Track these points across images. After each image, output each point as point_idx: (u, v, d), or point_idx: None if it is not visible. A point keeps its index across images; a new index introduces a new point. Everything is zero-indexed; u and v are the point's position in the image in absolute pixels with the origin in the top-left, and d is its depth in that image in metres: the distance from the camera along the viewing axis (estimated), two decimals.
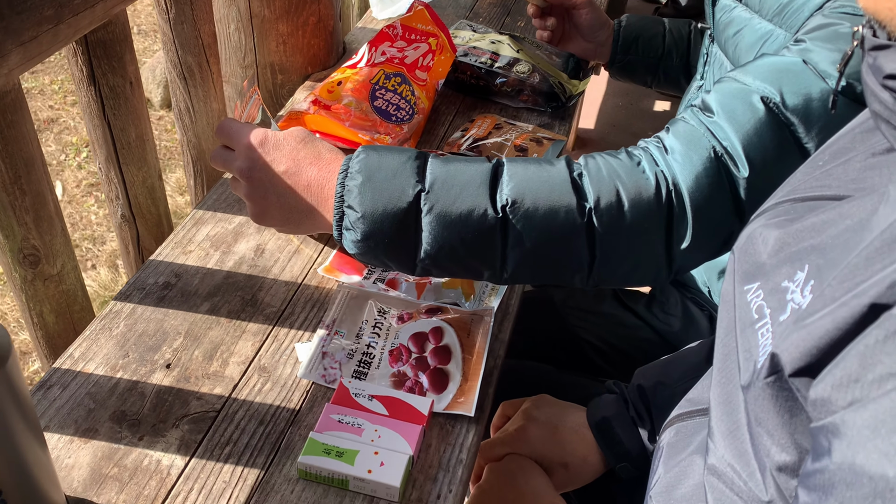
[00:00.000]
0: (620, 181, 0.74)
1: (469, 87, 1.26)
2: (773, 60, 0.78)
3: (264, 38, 1.20)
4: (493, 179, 0.72)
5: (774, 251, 0.53)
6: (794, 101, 0.74)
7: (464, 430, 0.76)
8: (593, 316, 1.20)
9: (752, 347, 0.50)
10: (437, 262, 0.73)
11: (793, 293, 0.48)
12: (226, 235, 0.95)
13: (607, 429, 0.87)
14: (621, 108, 3.09)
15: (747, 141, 0.74)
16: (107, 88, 0.89)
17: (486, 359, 0.82)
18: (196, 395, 0.77)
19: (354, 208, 0.70)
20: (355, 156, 0.72)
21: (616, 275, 0.77)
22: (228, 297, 0.87)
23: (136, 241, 1.02)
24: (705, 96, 0.80)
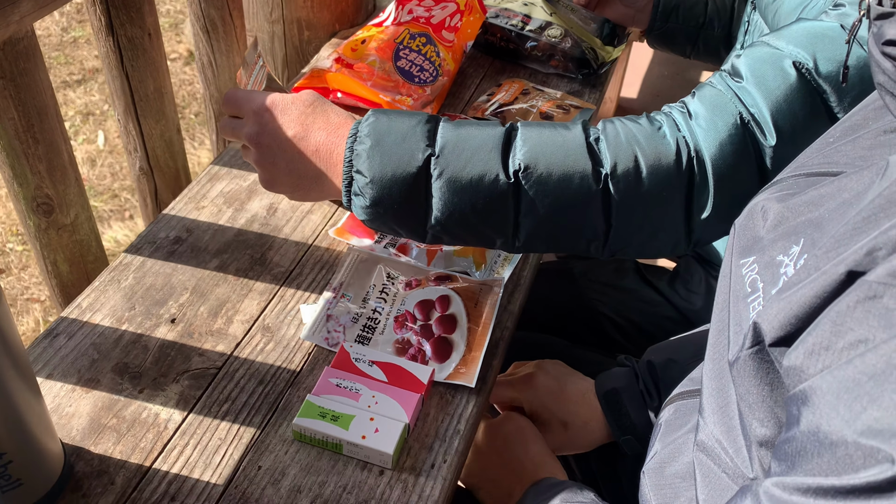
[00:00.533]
0: (639, 146, 0.71)
1: (498, 50, 1.23)
2: (809, 25, 0.73)
3: None
4: (506, 144, 0.69)
5: (773, 226, 0.52)
6: (828, 67, 0.70)
7: (464, 401, 0.75)
8: (613, 290, 1.18)
9: (743, 321, 0.49)
10: (447, 229, 0.71)
11: (786, 267, 0.47)
12: (240, 192, 0.95)
13: (616, 400, 0.86)
14: (666, 77, 2.99)
15: (776, 108, 0.71)
16: (125, 39, 0.88)
17: (492, 330, 0.81)
18: (198, 352, 0.77)
19: (363, 173, 0.68)
20: (364, 119, 0.70)
21: (632, 244, 0.74)
22: (238, 255, 0.87)
23: (153, 195, 1.03)
24: (735, 60, 0.76)
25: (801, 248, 0.46)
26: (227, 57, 1.09)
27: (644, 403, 0.85)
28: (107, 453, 0.67)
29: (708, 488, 0.54)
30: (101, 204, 2.38)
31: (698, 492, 0.55)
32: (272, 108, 0.72)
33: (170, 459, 0.68)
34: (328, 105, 0.74)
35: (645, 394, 0.86)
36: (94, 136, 2.71)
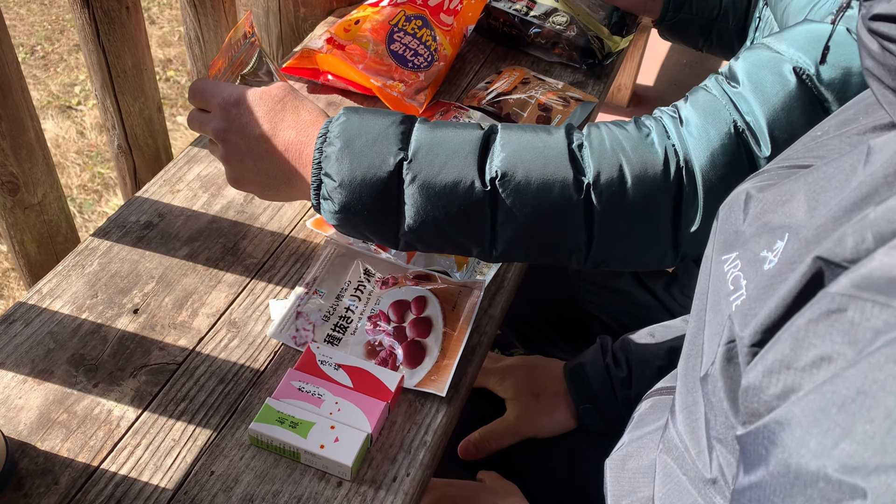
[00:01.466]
0: (624, 154, 0.66)
1: (501, 36, 1.17)
2: (813, 27, 0.68)
3: None
4: (484, 148, 0.65)
5: (753, 218, 0.48)
6: (831, 73, 0.65)
7: (433, 411, 0.72)
8: (607, 292, 1.13)
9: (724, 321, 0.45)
10: (420, 237, 0.67)
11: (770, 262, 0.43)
12: (217, 177, 0.91)
13: (579, 372, 0.88)
14: (685, 66, 2.92)
15: (773, 117, 0.66)
16: (101, 12, 0.84)
17: (468, 335, 0.77)
18: (159, 345, 0.74)
19: (332, 176, 0.64)
20: (336, 119, 0.66)
21: (616, 256, 0.71)
22: (209, 244, 0.83)
23: (132, 173, 0.99)
24: (733, 63, 0.71)
25: (785, 243, 0.43)
26: (216, 32, 1.04)
27: (608, 376, 0.85)
28: (53, 450, 0.65)
29: (665, 488, 0.52)
30: (107, 171, 2.35)
31: (656, 491, 0.53)
32: (239, 103, 0.68)
33: (119, 460, 0.65)
34: (300, 100, 0.70)
35: (612, 365, 0.86)
36: None
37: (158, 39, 2.92)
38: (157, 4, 3.15)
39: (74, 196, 2.24)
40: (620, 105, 2.63)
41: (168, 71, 2.76)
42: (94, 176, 2.36)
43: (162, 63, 2.78)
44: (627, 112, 2.61)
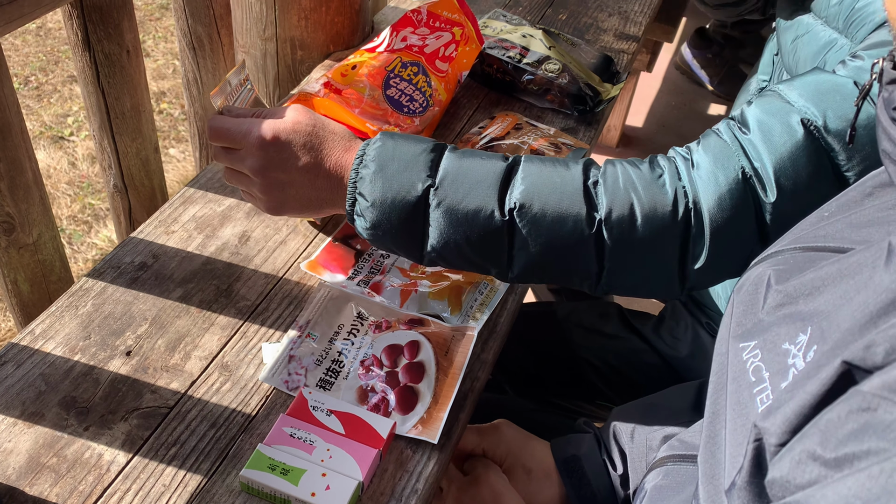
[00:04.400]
0: (636, 193, 0.69)
1: (494, 82, 1.20)
2: (822, 78, 0.71)
3: (286, 11, 1.15)
4: (506, 179, 0.69)
5: (773, 307, 0.49)
6: (838, 125, 0.68)
7: (425, 458, 0.72)
8: (597, 335, 1.14)
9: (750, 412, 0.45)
10: (443, 256, 0.72)
11: (794, 357, 0.44)
12: (212, 218, 0.91)
13: (577, 468, 0.83)
14: (674, 108, 2.96)
15: (780, 165, 0.68)
16: (102, 55, 0.85)
17: (460, 381, 0.77)
18: (151, 388, 0.73)
19: (365, 196, 0.69)
20: (372, 142, 0.71)
21: (625, 287, 0.74)
22: (203, 285, 0.84)
23: (127, 213, 1.00)
24: (745, 109, 0.73)
25: (808, 338, 0.43)
26: (213, 74, 1.06)
27: (605, 471, 0.82)
28: (42, 495, 0.64)
29: None
30: (98, 202, 2.35)
31: None
32: (276, 140, 0.71)
33: None
34: (328, 125, 0.73)
35: (608, 462, 0.83)
36: None
37: (153, 72, 2.94)
38: (153, 38, 3.17)
39: (64, 227, 2.23)
40: (609, 146, 2.66)
41: (161, 103, 2.78)
42: (85, 207, 2.36)
43: (156, 96, 2.79)
44: (616, 153, 2.65)
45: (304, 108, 0.75)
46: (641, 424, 0.82)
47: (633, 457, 0.82)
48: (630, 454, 0.82)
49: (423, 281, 0.87)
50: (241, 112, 0.76)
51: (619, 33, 1.41)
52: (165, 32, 3.21)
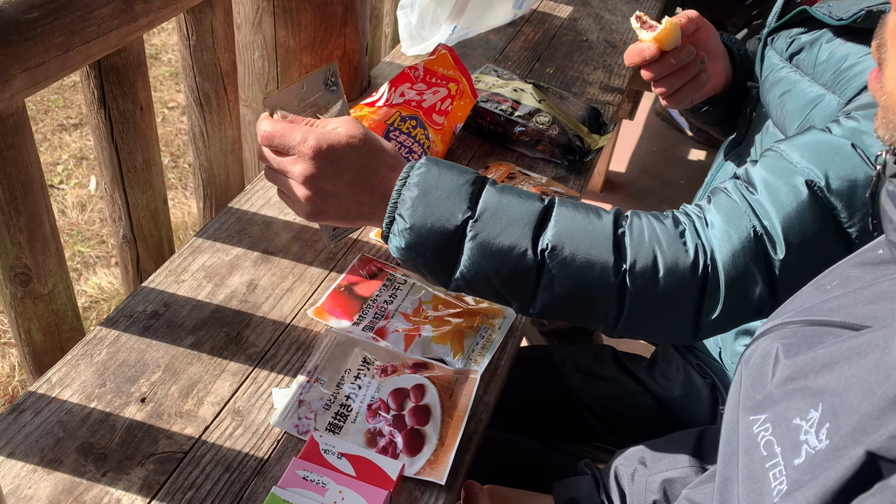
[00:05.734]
0: (660, 247, 0.73)
1: (487, 133, 1.25)
2: (821, 139, 0.76)
3: (288, 68, 1.20)
4: (541, 221, 0.72)
5: (781, 381, 0.51)
6: (839, 185, 0.73)
7: (433, 499, 0.74)
8: (592, 378, 1.17)
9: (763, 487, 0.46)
10: (470, 284, 0.74)
11: (807, 434, 0.45)
12: (221, 267, 0.94)
13: None
14: (655, 153, 3.05)
15: (787, 223, 0.73)
16: (117, 113, 0.89)
17: (465, 423, 0.80)
18: (166, 434, 0.76)
19: (405, 218, 0.70)
20: (417, 166, 0.72)
21: (640, 332, 0.78)
22: (213, 333, 0.86)
23: (135, 263, 1.02)
24: (751, 169, 0.78)
25: (820, 415, 0.45)
26: (220, 129, 1.10)
27: None
28: None
29: None
30: (87, 249, 2.37)
31: None
32: (330, 152, 0.71)
33: None
34: (376, 141, 0.75)
35: (606, 502, 0.86)
36: (87, 181, 2.71)
37: None
38: None
39: None
40: (594, 191, 2.73)
41: None
42: (74, 254, 2.37)
43: None
44: (601, 197, 2.71)
45: (357, 121, 0.77)
46: (642, 466, 0.85)
47: (633, 498, 0.84)
48: (629, 495, 0.85)
49: (426, 326, 0.90)
50: (294, 117, 0.77)
51: (604, 86, 1.47)
52: (154, 82, 3.26)
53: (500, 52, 1.53)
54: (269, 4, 1.14)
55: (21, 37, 0.70)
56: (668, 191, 2.91)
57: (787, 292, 0.69)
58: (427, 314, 0.92)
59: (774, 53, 1.03)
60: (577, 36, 1.63)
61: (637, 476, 0.85)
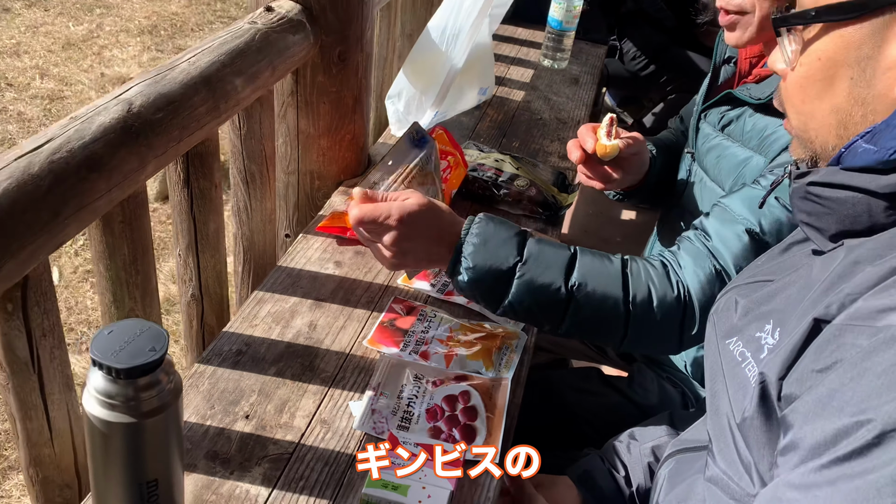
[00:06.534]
0: (653, 284, 1.00)
1: (477, 197, 1.49)
2: (752, 194, 1.05)
3: (307, 151, 1.42)
4: (570, 264, 0.98)
5: (742, 314, 0.76)
6: (770, 228, 1.02)
7: (488, 479, 0.94)
8: (584, 394, 1.39)
9: (743, 382, 0.69)
10: (514, 311, 0.98)
11: (765, 340, 0.69)
12: (283, 313, 1.14)
13: (588, 477, 1.08)
14: (592, 215, 3.37)
15: (736, 260, 1.01)
16: (197, 190, 1.09)
17: (505, 418, 1.01)
18: (272, 441, 0.93)
19: (468, 260, 0.95)
20: (476, 220, 0.98)
21: (639, 347, 1.06)
22: (291, 363, 1.05)
23: (200, 318, 1.20)
24: (704, 221, 1.06)
25: (772, 326, 0.69)
26: (261, 202, 1.30)
27: (612, 476, 1.06)
28: None
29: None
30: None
31: None
32: (409, 220, 0.95)
33: None
34: (437, 205, 0.99)
35: (612, 469, 1.07)
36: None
37: None
38: None
39: None
40: None
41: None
42: None
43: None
44: None
45: (419, 193, 1.00)
46: (634, 441, 1.08)
47: (632, 464, 1.06)
48: (629, 462, 1.07)
49: (460, 348, 1.11)
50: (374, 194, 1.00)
51: (562, 155, 1.75)
52: None
53: (472, 131, 1.80)
54: (294, 99, 1.37)
55: (153, 132, 0.90)
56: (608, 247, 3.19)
57: None
58: (458, 339, 1.13)
59: (708, 126, 1.31)
60: (533, 115, 1.92)
61: (632, 448, 1.08)
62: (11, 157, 0.76)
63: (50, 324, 0.83)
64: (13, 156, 0.76)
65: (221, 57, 1.04)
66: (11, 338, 0.79)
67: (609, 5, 3.01)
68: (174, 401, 0.69)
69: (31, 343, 0.80)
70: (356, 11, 1.32)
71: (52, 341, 0.84)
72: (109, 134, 0.84)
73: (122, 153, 0.85)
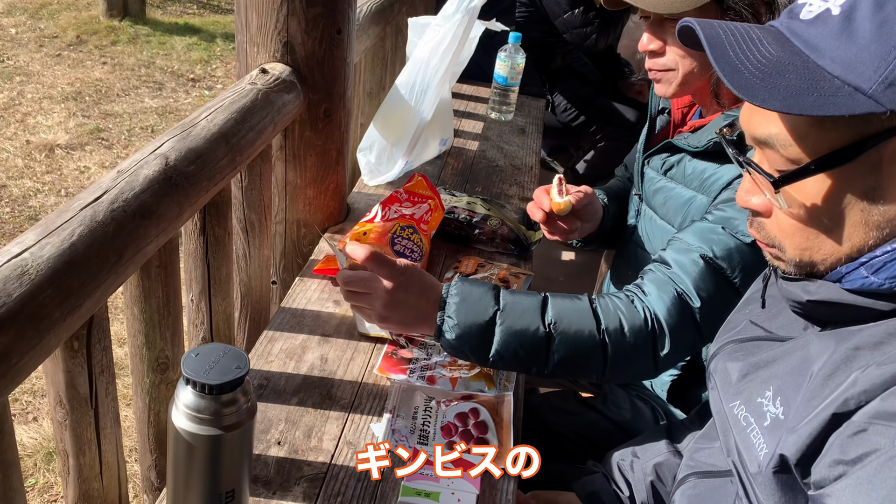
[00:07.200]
0: (622, 313, 1.11)
1: (454, 237, 1.61)
2: (703, 226, 1.18)
3: (294, 201, 1.52)
4: (543, 306, 1.08)
5: (739, 378, 0.83)
6: (721, 253, 1.14)
7: (505, 481, 1.03)
8: (564, 413, 1.51)
9: (751, 447, 0.77)
10: (503, 358, 1.07)
11: (767, 406, 0.76)
12: (295, 349, 1.21)
13: (596, 499, 1.17)
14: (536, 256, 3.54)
15: (695, 284, 1.13)
16: (212, 238, 1.17)
17: (513, 430, 1.11)
18: (306, 463, 1.00)
19: (452, 317, 1.04)
20: (453, 284, 1.08)
21: (622, 374, 1.15)
22: (310, 393, 1.13)
23: None
24: (663, 253, 1.19)
25: (773, 393, 0.74)
26: (259, 249, 1.39)
27: (618, 497, 1.17)
28: None
29: None
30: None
31: None
32: (396, 287, 1.05)
33: None
34: (415, 270, 1.09)
35: (618, 489, 1.17)
36: None
37: None
38: None
39: None
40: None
41: None
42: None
43: None
44: None
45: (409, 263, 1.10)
46: (636, 458, 1.18)
47: (636, 482, 1.16)
48: (633, 481, 1.16)
49: (462, 370, 1.21)
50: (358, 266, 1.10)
51: (521, 197, 1.90)
52: None
53: (437, 178, 1.93)
54: (282, 153, 1.47)
55: (188, 183, 0.99)
56: (551, 286, 3.37)
57: (708, 328, 1.10)
58: (459, 363, 1.23)
59: (651, 170, 1.47)
60: (490, 162, 2.07)
61: (635, 466, 1.17)
62: (77, 207, 0.83)
63: (107, 361, 0.88)
64: (77, 205, 0.83)
65: (234, 114, 1.14)
66: (75, 374, 0.84)
67: (541, 62, 3.24)
68: (250, 419, 0.77)
69: (90, 379, 0.86)
70: (340, 72, 1.44)
71: (108, 377, 0.90)
72: (154, 185, 0.93)
73: (166, 202, 0.93)
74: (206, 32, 6.61)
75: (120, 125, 4.67)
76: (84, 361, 0.84)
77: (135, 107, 4.97)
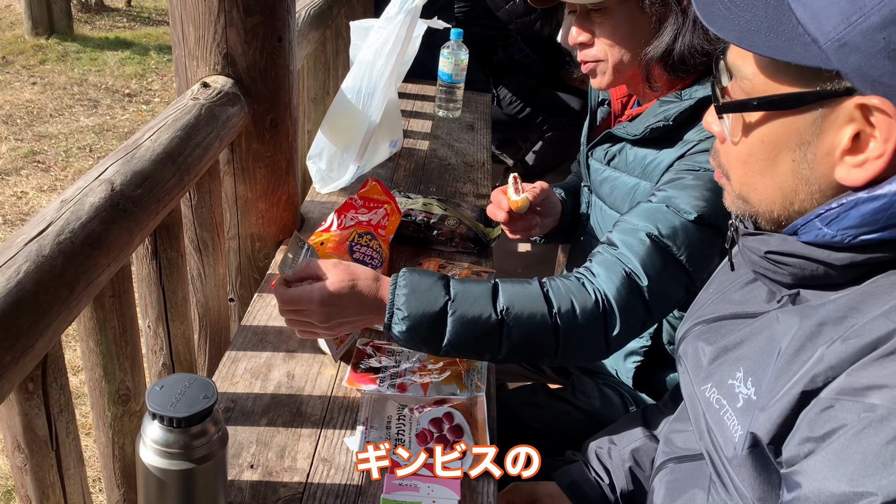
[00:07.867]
0: (573, 295, 1.10)
1: (412, 240, 1.59)
2: (648, 207, 1.18)
3: (246, 215, 1.48)
4: (494, 293, 1.06)
5: (710, 360, 0.83)
6: (666, 231, 1.15)
7: (485, 483, 1.03)
8: (534, 407, 1.51)
9: (725, 429, 0.77)
10: (455, 347, 1.05)
11: (738, 387, 0.76)
12: (260, 367, 1.19)
13: (577, 488, 1.17)
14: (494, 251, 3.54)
15: (642, 262, 1.13)
16: (165, 260, 1.13)
17: (487, 430, 1.10)
18: (281, 484, 0.98)
19: (402, 310, 1.02)
20: (402, 275, 1.05)
21: (575, 356, 1.13)
22: (279, 412, 1.10)
23: None
24: (610, 235, 1.19)
25: (743, 374, 0.74)
26: (214, 268, 1.35)
27: (598, 484, 1.17)
28: None
29: None
30: None
31: None
32: (331, 298, 1.02)
33: None
34: (356, 269, 1.06)
35: (598, 478, 1.18)
36: None
37: None
38: None
39: None
40: None
41: None
42: None
43: None
44: None
45: (337, 262, 1.08)
46: (613, 445, 1.18)
47: (615, 469, 1.16)
48: (611, 468, 1.17)
49: (433, 375, 1.20)
50: (293, 278, 1.07)
51: (476, 194, 1.90)
52: None
53: (390, 181, 1.91)
54: (230, 167, 1.43)
55: (136, 207, 0.95)
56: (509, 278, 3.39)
57: (657, 306, 1.10)
58: (429, 367, 1.22)
59: (595, 161, 1.48)
60: (441, 161, 2.06)
61: (612, 453, 1.18)
62: (21, 242, 0.79)
63: (65, 399, 0.85)
64: (21, 240, 0.80)
65: (178, 132, 1.11)
66: (32, 417, 0.81)
67: (483, 56, 3.24)
68: (222, 448, 0.74)
69: (49, 420, 0.83)
70: (284, 80, 1.41)
71: (67, 416, 0.86)
72: (101, 212, 0.89)
73: (115, 229, 0.90)
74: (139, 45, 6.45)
75: (56, 146, 4.53)
76: (41, 402, 0.81)
77: (70, 126, 4.83)
